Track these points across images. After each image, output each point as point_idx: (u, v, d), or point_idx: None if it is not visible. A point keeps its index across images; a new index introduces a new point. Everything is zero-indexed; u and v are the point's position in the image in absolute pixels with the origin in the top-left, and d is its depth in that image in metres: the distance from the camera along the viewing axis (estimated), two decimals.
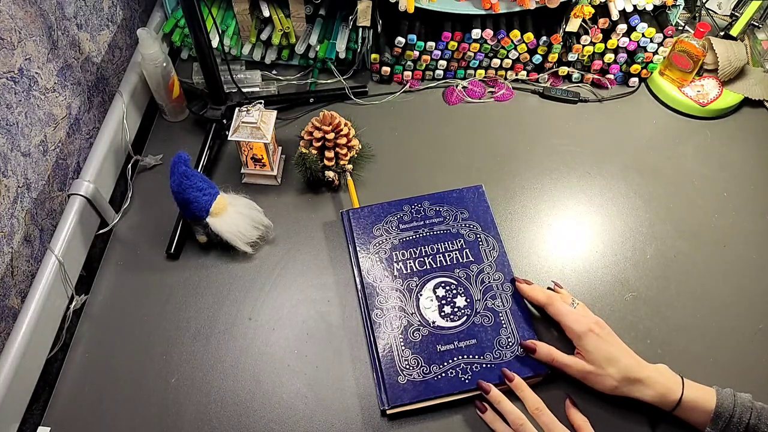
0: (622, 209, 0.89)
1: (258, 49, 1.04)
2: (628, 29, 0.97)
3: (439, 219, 0.82)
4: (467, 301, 0.75)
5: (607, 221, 0.87)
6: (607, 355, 0.66)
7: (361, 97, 1.02)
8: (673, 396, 0.64)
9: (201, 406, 0.69)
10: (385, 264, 0.78)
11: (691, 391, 0.64)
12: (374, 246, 0.79)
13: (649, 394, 0.65)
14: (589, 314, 0.71)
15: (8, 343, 0.66)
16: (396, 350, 0.71)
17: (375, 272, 0.77)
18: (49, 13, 0.78)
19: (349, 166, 0.87)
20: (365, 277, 0.77)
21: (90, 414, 0.69)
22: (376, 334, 0.72)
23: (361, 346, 0.74)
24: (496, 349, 0.71)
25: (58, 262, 0.73)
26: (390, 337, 0.72)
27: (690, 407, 0.64)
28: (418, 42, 0.98)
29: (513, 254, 0.82)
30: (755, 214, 0.89)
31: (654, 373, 0.66)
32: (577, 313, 0.70)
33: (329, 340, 0.75)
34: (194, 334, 0.75)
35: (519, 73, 1.05)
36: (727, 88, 1.02)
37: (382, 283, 0.76)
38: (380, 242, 0.80)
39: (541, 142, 0.97)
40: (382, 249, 0.79)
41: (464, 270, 0.77)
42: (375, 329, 0.73)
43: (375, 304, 0.75)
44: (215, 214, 0.79)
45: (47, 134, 0.78)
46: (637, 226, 0.87)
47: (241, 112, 0.83)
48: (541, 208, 0.88)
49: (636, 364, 0.66)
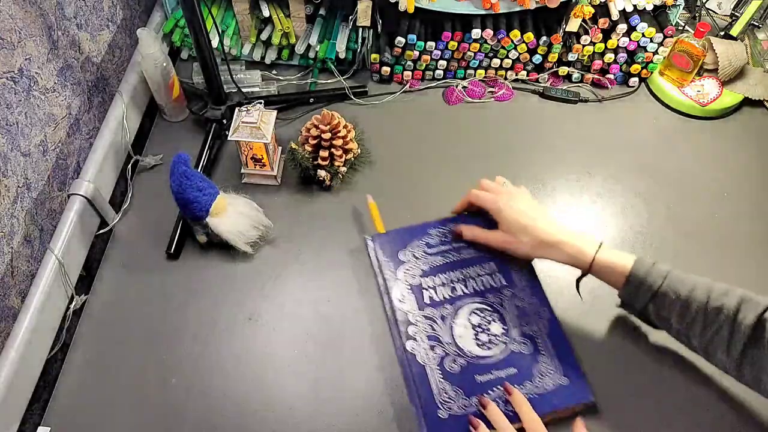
0: (622, 209, 0.89)
1: (258, 49, 1.04)
2: (628, 29, 0.98)
3: (466, 242, 0.78)
4: (504, 328, 0.71)
5: (607, 221, 0.87)
6: (521, 224, 0.71)
7: (361, 97, 1.02)
8: (585, 258, 0.67)
9: (201, 406, 0.69)
10: (416, 291, 0.74)
11: (605, 254, 0.67)
12: (402, 273, 0.76)
13: (561, 256, 0.69)
14: (515, 190, 0.76)
15: (8, 343, 0.66)
16: (435, 383, 0.67)
17: (407, 301, 0.73)
18: (49, 13, 0.78)
19: (343, 168, 0.87)
20: (397, 307, 0.73)
21: (90, 414, 0.69)
22: (413, 367, 0.68)
23: (362, 346, 0.74)
24: (536, 377, 0.68)
25: (58, 262, 0.73)
26: (427, 368, 0.68)
27: (604, 269, 0.67)
28: (418, 42, 0.98)
29: None
30: (755, 214, 0.89)
31: (568, 237, 0.69)
32: (497, 194, 0.74)
33: (330, 340, 0.75)
34: (194, 334, 0.75)
35: (519, 73, 1.05)
36: (727, 88, 1.02)
37: (414, 312, 0.72)
38: (408, 269, 0.76)
39: (541, 142, 0.97)
40: (411, 275, 0.75)
41: (497, 295, 0.74)
42: (410, 361, 0.69)
43: (408, 334, 0.71)
44: (215, 214, 0.79)
45: (47, 134, 0.78)
46: (637, 226, 0.87)
47: (241, 112, 0.83)
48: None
49: (550, 229, 0.70)
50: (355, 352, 0.74)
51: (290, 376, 0.72)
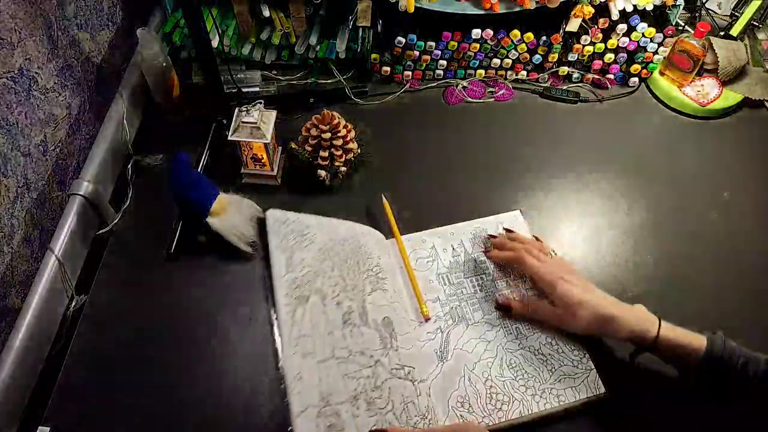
0: (621, 209, 0.89)
1: (258, 49, 1.04)
2: (628, 29, 0.98)
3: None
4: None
5: (606, 221, 0.87)
6: (577, 297, 0.68)
7: (361, 97, 1.02)
8: (649, 334, 0.65)
9: (201, 406, 0.69)
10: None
11: (669, 332, 0.65)
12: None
13: (621, 332, 0.66)
14: (563, 263, 0.74)
15: (8, 343, 0.66)
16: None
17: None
18: (49, 13, 0.78)
19: (343, 168, 0.87)
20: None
21: (90, 414, 0.69)
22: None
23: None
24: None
25: (58, 262, 0.73)
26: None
27: (670, 348, 0.65)
28: (418, 42, 0.98)
29: None
30: (755, 214, 0.89)
31: (627, 312, 0.67)
32: (547, 265, 0.72)
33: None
34: (195, 334, 0.75)
35: (519, 73, 1.05)
36: (727, 88, 1.02)
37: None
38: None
39: (541, 142, 0.97)
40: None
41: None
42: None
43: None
44: (215, 214, 0.79)
45: (47, 134, 0.78)
46: (637, 226, 0.87)
47: (241, 112, 0.83)
48: (540, 208, 0.88)
49: (607, 303, 0.68)
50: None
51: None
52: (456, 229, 0.84)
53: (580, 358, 0.71)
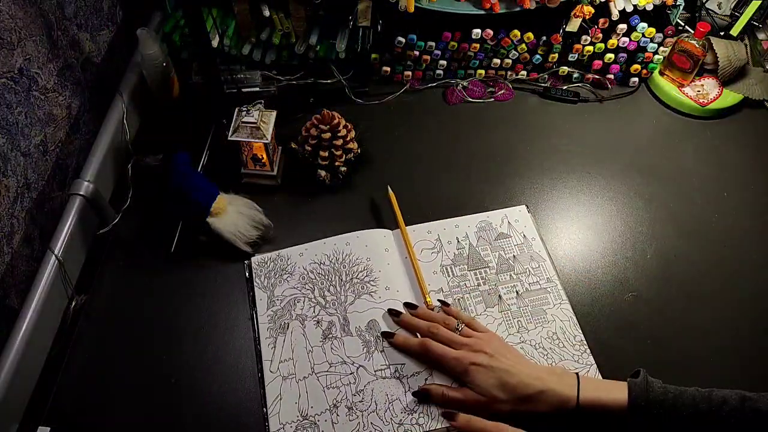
0: (622, 209, 0.89)
1: (258, 49, 1.03)
2: (628, 29, 0.98)
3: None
4: None
5: (607, 221, 0.87)
6: (493, 383, 0.64)
7: (361, 97, 1.02)
8: (569, 403, 0.62)
9: (201, 406, 0.69)
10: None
11: (587, 392, 0.62)
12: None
13: (543, 408, 0.63)
14: (474, 336, 0.68)
15: (8, 343, 0.66)
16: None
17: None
18: (49, 13, 0.78)
19: (343, 168, 0.87)
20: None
21: (90, 414, 0.69)
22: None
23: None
24: None
25: (58, 262, 0.73)
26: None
27: (592, 407, 0.61)
28: (418, 42, 0.98)
29: None
30: (755, 214, 0.89)
31: (545, 385, 0.63)
32: (454, 351, 0.66)
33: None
34: (194, 333, 0.75)
35: (519, 73, 1.05)
36: (727, 88, 1.02)
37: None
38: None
39: (541, 142, 0.97)
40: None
41: None
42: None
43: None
44: (215, 214, 0.79)
45: (47, 134, 0.78)
46: (637, 226, 0.87)
47: (241, 112, 0.83)
48: (540, 208, 0.88)
49: (525, 382, 0.63)
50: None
51: None
52: (461, 221, 0.85)
53: (581, 353, 0.71)
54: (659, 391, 0.61)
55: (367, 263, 0.79)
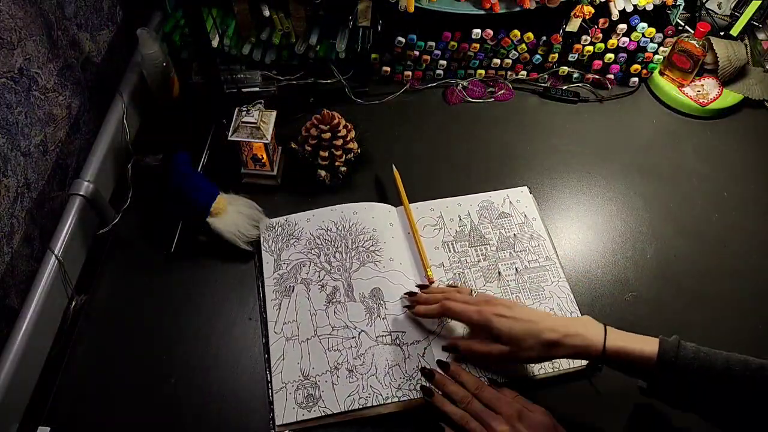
0: (622, 209, 0.89)
1: (258, 49, 1.03)
2: (628, 29, 0.98)
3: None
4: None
5: (607, 221, 0.87)
6: (519, 329, 0.64)
7: (361, 97, 1.02)
8: (596, 348, 0.62)
9: (201, 406, 0.69)
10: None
11: (615, 341, 0.62)
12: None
13: (569, 352, 0.63)
14: (490, 297, 0.70)
15: (8, 343, 0.66)
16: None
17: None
18: (49, 13, 0.78)
19: (343, 168, 0.87)
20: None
21: (90, 414, 0.69)
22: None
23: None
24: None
25: (58, 262, 0.73)
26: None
27: (617, 357, 0.61)
28: (418, 42, 0.98)
29: None
30: (755, 214, 0.89)
31: (571, 330, 0.63)
32: (475, 306, 0.68)
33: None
34: (194, 333, 0.75)
35: (519, 73, 1.05)
36: (727, 88, 1.02)
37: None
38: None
39: (541, 142, 0.97)
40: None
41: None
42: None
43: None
44: (215, 214, 0.79)
45: (47, 134, 0.78)
46: (637, 226, 0.87)
47: (241, 112, 0.83)
48: (540, 208, 0.88)
49: (548, 325, 0.64)
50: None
51: None
52: (463, 200, 0.87)
53: None
54: (691, 349, 0.60)
55: (373, 233, 0.81)
